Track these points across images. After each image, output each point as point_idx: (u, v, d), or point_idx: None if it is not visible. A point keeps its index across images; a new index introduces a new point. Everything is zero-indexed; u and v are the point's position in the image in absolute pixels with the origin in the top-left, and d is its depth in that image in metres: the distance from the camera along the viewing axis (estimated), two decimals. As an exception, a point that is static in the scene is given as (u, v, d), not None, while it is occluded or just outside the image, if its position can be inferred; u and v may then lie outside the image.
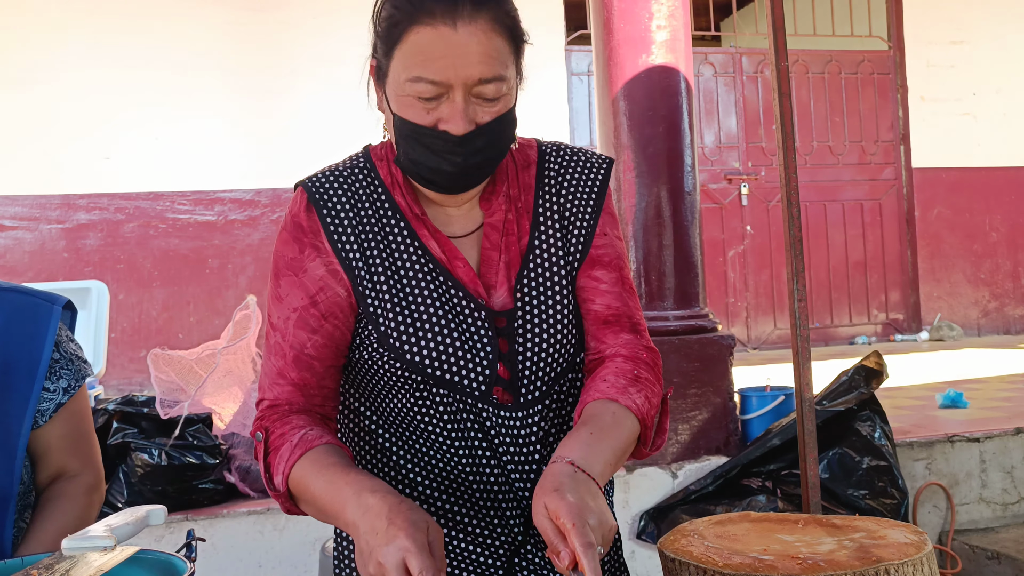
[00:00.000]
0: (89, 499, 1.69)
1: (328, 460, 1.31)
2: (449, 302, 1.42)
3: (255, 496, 3.47)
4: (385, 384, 1.44)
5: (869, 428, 3.81)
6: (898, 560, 1.34)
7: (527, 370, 1.44)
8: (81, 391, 1.72)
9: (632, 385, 1.42)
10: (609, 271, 1.50)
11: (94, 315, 3.84)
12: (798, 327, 2.19)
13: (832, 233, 8.91)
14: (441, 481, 1.47)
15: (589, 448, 1.29)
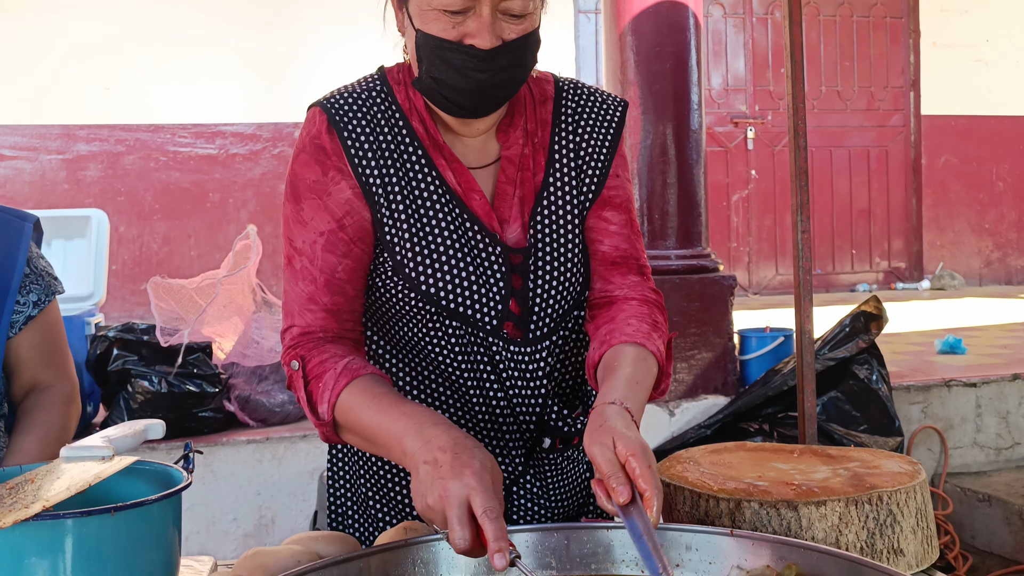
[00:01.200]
0: (66, 409, 1.74)
1: (378, 390, 1.29)
2: (465, 235, 1.41)
3: (254, 425, 3.50)
4: (397, 312, 1.43)
5: (867, 371, 3.83)
6: (891, 488, 1.34)
7: (537, 307, 1.44)
8: (51, 305, 1.75)
9: (654, 331, 1.44)
10: (619, 213, 1.51)
11: (94, 244, 3.83)
12: (800, 258, 2.17)
13: (837, 180, 8.85)
14: (447, 410, 1.48)
15: (636, 396, 1.32)
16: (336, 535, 1.41)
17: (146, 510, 1.05)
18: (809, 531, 1.31)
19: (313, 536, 1.39)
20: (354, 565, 1.26)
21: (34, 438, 1.65)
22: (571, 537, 1.36)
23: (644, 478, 1.13)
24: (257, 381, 3.46)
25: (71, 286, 3.82)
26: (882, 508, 1.32)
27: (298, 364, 1.35)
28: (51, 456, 1.60)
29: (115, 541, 1.02)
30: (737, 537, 1.28)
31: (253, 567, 1.27)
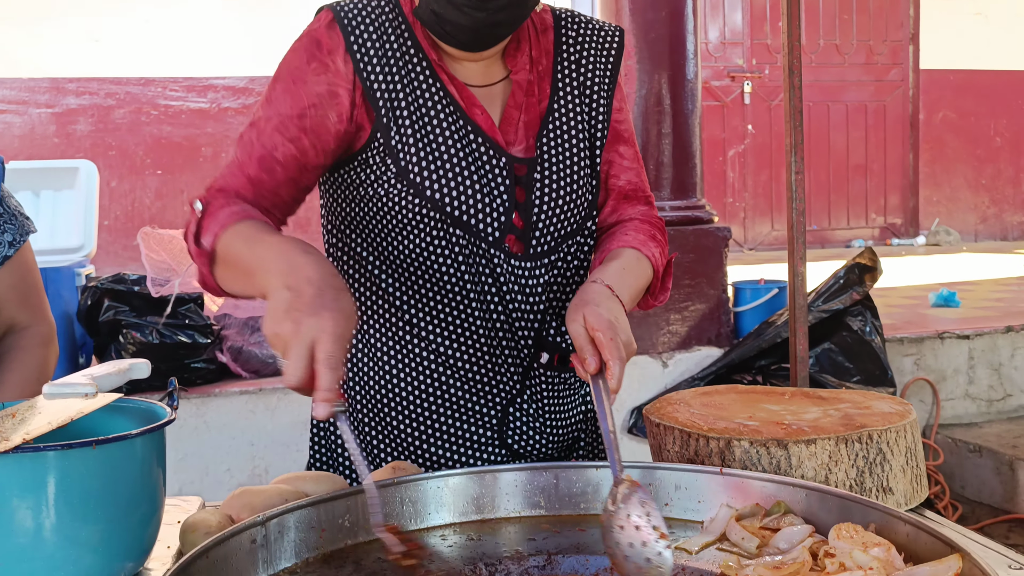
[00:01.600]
0: (45, 350, 1.74)
1: (265, 229, 1.26)
2: (469, 145, 1.42)
3: (247, 376, 3.49)
4: (400, 223, 1.43)
5: (860, 323, 3.83)
6: (881, 427, 1.34)
7: (540, 221, 1.46)
8: (26, 246, 1.74)
9: (651, 240, 1.54)
10: (629, 147, 1.58)
11: (84, 194, 3.79)
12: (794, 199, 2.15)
13: (834, 135, 8.79)
14: (446, 327, 1.48)
15: (621, 277, 1.41)
16: (324, 475, 1.41)
17: (128, 444, 1.04)
18: (799, 470, 1.31)
19: (301, 476, 1.38)
20: (342, 503, 1.25)
21: (14, 378, 1.65)
22: (560, 476, 1.36)
23: (606, 349, 1.21)
24: (250, 332, 3.45)
25: (61, 238, 3.80)
26: (872, 447, 1.32)
27: (201, 205, 1.33)
28: (31, 395, 1.60)
29: (98, 475, 1.01)
30: (727, 476, 1.27)
31: (241, 506, 1.27)
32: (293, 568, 1.17)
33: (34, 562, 1.00)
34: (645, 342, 3.72)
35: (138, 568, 1.12)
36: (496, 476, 1.35)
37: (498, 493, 1.35)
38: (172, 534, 1.24)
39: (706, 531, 1.23)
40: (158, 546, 1.17)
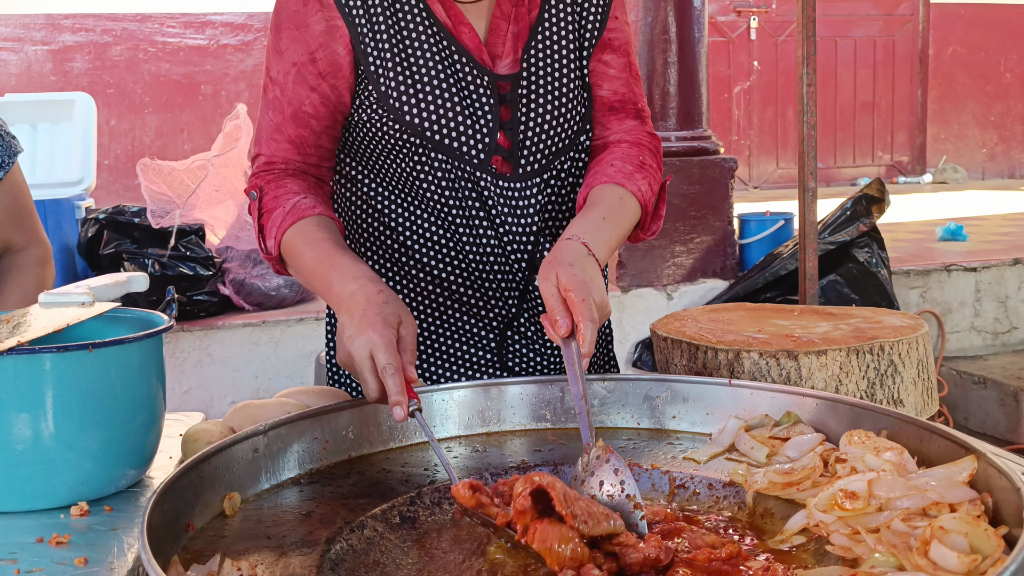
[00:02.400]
0: (42, 270, 1.73)
1: (319, 235, 1.32)
2: (452, 67, 1.38)
3: (250, 309, 3.48)
4: (384, 148, 1.41)
5: (867, 255, 3.79)
6: (893, 338, 1.31)
7: (528, 140, 1.41)
8: (15, 167, 1.72)
9: (638, 171, 1.43)
10: (618, 56, 1.49)
11: (81, 127, 3.74)
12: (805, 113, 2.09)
13: (841, 72, 8.65)
14: (439, 250, 1.46)
15: (599, 231, 1.32)
16: (328, 389, 1.39)
17: (126, 348, 1.02)
18: (809, 381, 1.29)
19: (304, 390, 1.36)
20: (345, 415, 1.24)
21: (12, 298, 1.65)
22: (566, 389, 1.34)
23: (577, 310, 1.15)
24: (252, 265, 3.43)
25: (60, 172, 3.75)
26: (883, 358, 1.30)
27: (256, 195, 1.38)
28: None
29: (95, 379, 0.99)
30: (735, 387, 1.25)
31: (243, 418, 1.25)
32: (296, 478, 1.16)
33: (34, 467, 0.98)
34: (650, 275, 3.69)
35: (140, 476, 1.10)
36: (502, 390, 1.34)
37: (504, 406, 1.34)
38: (174, 446, 1.23)
39: (714, 442, 1.22)
40: (160, 456, 1.16)
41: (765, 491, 1.05)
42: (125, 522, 0.97)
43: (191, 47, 7.19)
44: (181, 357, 3.30)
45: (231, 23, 7.23)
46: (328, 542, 0.98)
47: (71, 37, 6.99)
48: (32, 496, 0.99)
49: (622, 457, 1.07)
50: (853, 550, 0.88)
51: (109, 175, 6.96)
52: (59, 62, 6.98)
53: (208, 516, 1.02)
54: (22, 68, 6.94)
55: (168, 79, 7.16)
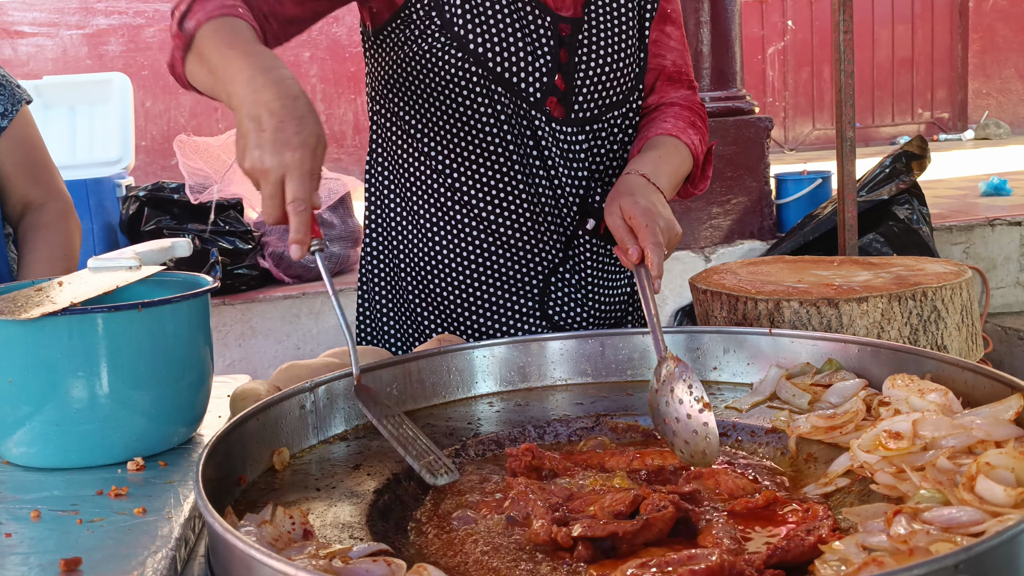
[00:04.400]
0: (65, 224, 1.71)
1: (244, 33, 1.17)
2: (516, 3, 1.41)
3: (290, 282, 3.52)
4: (442, 82, 1.41)
5: (907, 211, 3.73)
6: (936, 284, 1.30)
7: (584, 86, 1.45)
8: (23, 117, 1.69)
9: (690, 127, 1.51)
10: (676, 28, 1.57)
11: (118, 106, 3.79)
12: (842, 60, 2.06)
13: (879, 29, 8.49)
14: (490, 190, 1.47)
15: (657, 166, 1.39)
16: (372, 348, 1.41)
17: (174, 308, 1.04)
18: (850, 329, 1.28)
19: (348, 350, 1.38)
20: (388, 372, 1.26)
21: (39, 256, 1.64)
22: (606, 344, 1.35)
23: (641, 235, 1.20)
24: (290, 238, 3.46)
25: (99, 152, 3.81)
26: (926, 304, 1.29)
27: (184, 7, 1.23)
28: (61, 270, 1.61)
29: (146, 338, 1.02)
30: (776, 336, 1.25)
31: (288, 378, 1.28)
32: (343, 434, 1.18)
33: (90, 424, 1.01)
34: (688, 237, 3.67)
35: (191, 434, 1.13)
36: (543, 345, 1.35)
37: (544, 362, 1.35)
38: (223, 406, 1.25)
39: (756, 391, 1.22)
40: (209, 415, 1.19)
41: (808, 436, 1.05)
42: (179, 476, 1.00)
43: (222, 26, 7.23)
44: (224, 331, 3.35)
45: (261, 1, 7.26)
46: (376, 493, 1.00)
47: (104, 20, 7.06)
48: (90, 452, 1.02)
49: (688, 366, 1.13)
50: (898, 488, 0.88)
51: (146, 156, 7.05)
52: (94, 45, 7.06)
53: (259, 470, 1.05)
54: (58, 52, 7.03)
55: (201, 59, 7.21)
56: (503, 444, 1.17)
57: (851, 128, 2.21)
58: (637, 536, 0.84)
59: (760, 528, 0.89)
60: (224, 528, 0.74)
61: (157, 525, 0.86)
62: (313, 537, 0.86)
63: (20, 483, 0.99)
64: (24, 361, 0.98)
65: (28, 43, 7.00)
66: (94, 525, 0.86)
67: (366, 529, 0.91)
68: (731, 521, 0.91)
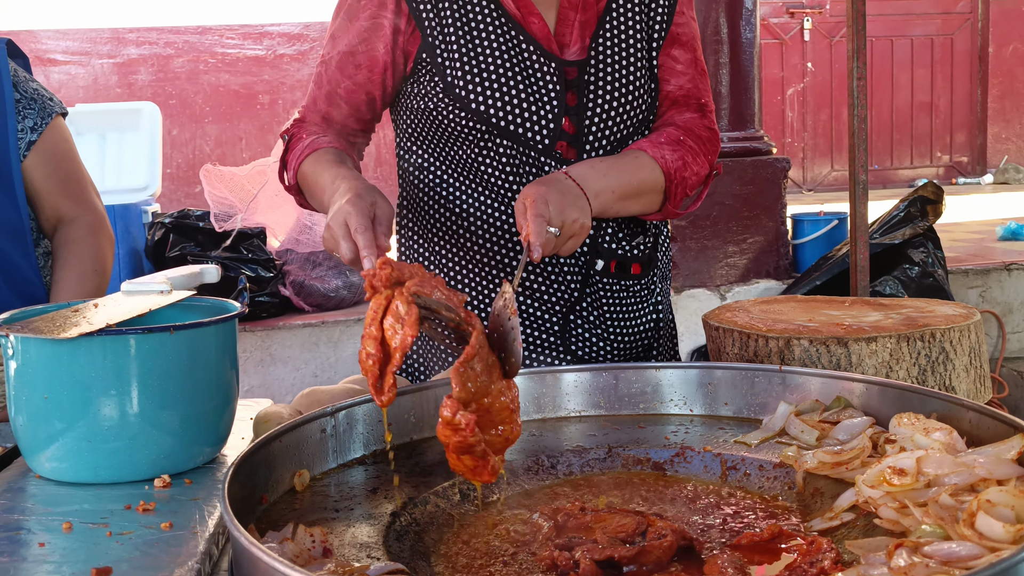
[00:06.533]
0: (96, 238, 1.72)
1: (327, 158, 1.45)
2: (519, 55, 1.45)
3: (310, 310, 3.57)
4: (451, 135, 1.48)
5: (923, 255, 3.75)
6: (945, 326, 1.33)
7: (594, 125, 1.47)
8: (55, 129, 1.71)
9: (669, 144, 1.50)
10: (685, 51, 1.55)
11: (147, 134, 3.88)
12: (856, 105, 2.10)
13: (898, 72, 8.54)
14: (503, 235, 1.51)
15: (592, 169, 1.42)
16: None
17: (203, 331, 1.08)
18: (859, 368, 1.31)
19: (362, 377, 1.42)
20: (408, 399, 1.29)
21: (71, 273, 1.67)
22: (620, 377, 1.38)
23: (530, 210, 1.26)
24: (311, 267, 3.52)
25: (127, 178, 3.89)
26: (934, 345, 1.31)
27: (286, 138, 1.54)
28: (92, 286, 1.65)
29: (176, 360, 1.06)
30: (786, 373, 1.28)
31: (310, 402, 1.31)
32: (362, 459, 1.21)
33: (120, 442, 1.05)
34: (702, 275, 3.70)
35: (215, 454, 1.17)
36: (557, 377, 1.38)
37: (559, 393, 1.38)
38: (246, 428, 1.29)
39: (765, 427, 1.25)
40: (233, 437, 1.22)
41: (815, 471, 1.07)
42: (204, 493, 1.04)
43: (249, 58, 7.37)
44: (244, 357, 3.40)
45: (288, 33, 7.39)
46: (393, 515, 1.03)
47: (135, 50, 7.21)
48: (118, 469, 1.06)
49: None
50: (901, 523, 0.90)
51: (171, 183, 7.16)
52: (124, 74, 7.21)
53: (280, 491, 1.08)
54: (89, 81, 7.18)
55: (227, 89, 7.34)
56: (517, 473, 1.20)
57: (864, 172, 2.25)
58: (635, 561, 0.87)
59: (765, 561, 0.92)
60: (249, 542, 0.77)
61: (183, 539, 0.90)
62: (332, 555, 0.89)
63: (52, 496, 1.02)
64: (59, 379, 1.03)
65: (60, 71, 7.15)
66: (123, 538, 0.89)
67: (383, 549, 0.94)
68: (736, 553, 0.93)
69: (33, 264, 1.65)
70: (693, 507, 1.07)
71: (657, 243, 1.61)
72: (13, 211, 1.61)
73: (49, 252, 1.73)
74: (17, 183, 1.62)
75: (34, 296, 1.63)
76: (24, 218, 1.64)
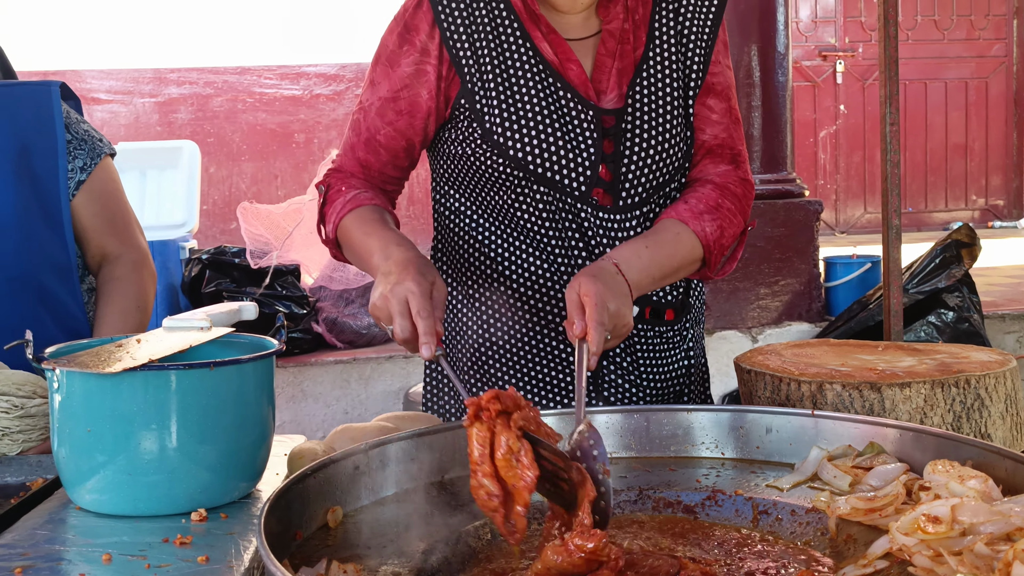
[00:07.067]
0: (139, 275, 1.77)
1: (371, 216, 1.46)
2: (557, 102, 1.46)
3: (342, 347, 3.60)
4: (487, 181, 1.50)
5: (958, 299, 3.72)
6: (980, 372, 1.32)
7: (630, 173, 1.48)
8: (103, 169, 1.76)
9: (709, 212, 1.48)
10: (720, 100, 1.55)
11: (186, 172, 3.96)
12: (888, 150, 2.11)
13: (932, 115, 8.52)
14: (537, 279, 1.52)
15: (637, 257, 1.40)
16: (423, 415, 1.46)
17: (242, 368, 1.10)
18: (893, 413, 1.30)
19: (400, 415, 1.43)
20: (439, 438, 1.30)
21: (115, 309, 1.71)
22: (651, 419, 1.38)
23: (589, 312, 1.25)
24: (344, 304, 3.55)
25: (165, 215, 3.97)
26: (969, 392, 1.30)
27: (323, 189, 1.55)
28: (135, 322, 1.68)
29: (215, 396, 1.08)
30: (818, 418, 1.28)
31: (344, 439, 1.33)
32: (395, 496, 1.22)
33: (159, 475, 1.07)
34: (735, 317, 3.69)
35: (250, 489, 1.18)
36: (589, 418, 1.38)
37: (590, 434, 1.38)
38: (280, 464, 1.30)
39: (797, 471, 1.24)
40: (267, 473, 1.24)
41: (848, 517, 1.07)
42: (240, 528, 1.05)
43: (286, 97, 7.50)
44: (276, 392, 3.43)
45: (324, 74, 7.52)
46: (425, 553, 1.03)
47: (176, 90, 7.37)
48: (157, 502, 1.07)
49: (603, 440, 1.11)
50: (936, 572, 0.90)
51: (207, 219, 7.27)
52: (164, 113, 7.36)
53: (313, 527, 1.09)
54: (131, 119, 7.34)
55: (264, 128, 7.47)
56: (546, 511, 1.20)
57: (897, 216, 2.25)
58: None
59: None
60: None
61: (219, 573, 0.91)
62: (365, 592, 0.90)
63: (92, 528, 1.04)
64: (102, 412, 1.05)
65: (103, 109, 7.31)
66: (161, 570, 0.91)
67: (415, 587, 0.95)
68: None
69: (78, 300, 1.69)
70: (725, 551, 1.07)
71: (690, 288, 1.62)
72: (61, 249, 1.66)
73: (93, 288, 1.77)
74: (66, 222, 1.66)
75: (78, 331, 1.67)
76: (72, 255, 1.68)
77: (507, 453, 0.96)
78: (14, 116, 1.66)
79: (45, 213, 1.64)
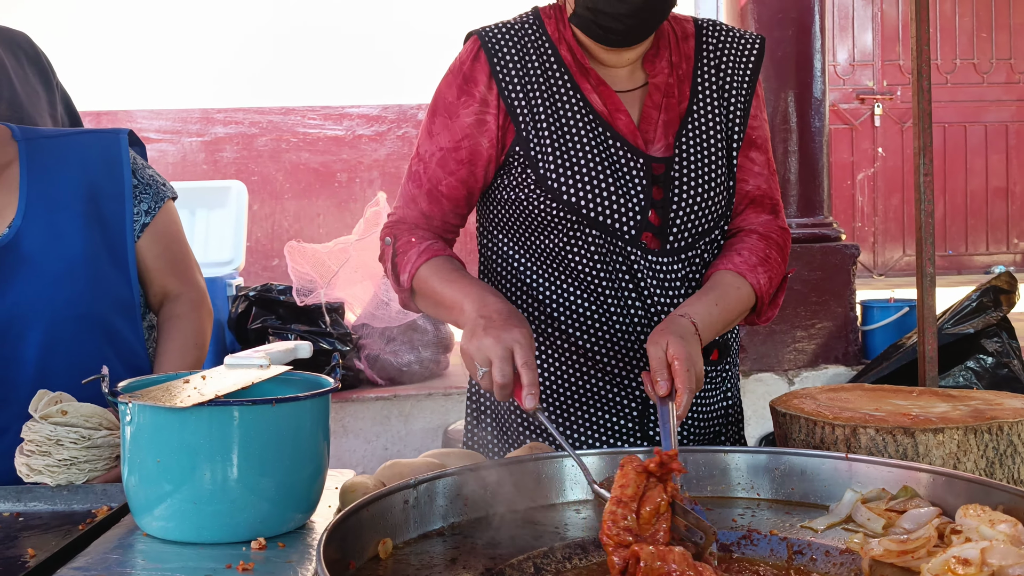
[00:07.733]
0: (197, 314, 1.84)
1: (451, 266, 1.52)
2: (608, 150, 1.53)
3: (382, 383, 3.66)
4: (540, 225, 1.56)
5: (997, 345, 3.71)
6: (1013, 419, 1.35)
7: (678, 218, 1.54)
8: (165, 212, 1.83)
9: (761, 264, 1.56)
10: (760, 153, 1.63)
11: (234, 211, 4.08)
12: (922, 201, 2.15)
13: (972, 157, 8.48)
14: (586, 322, 1.57)
15: (709, 314, 1.47)
16: (468, 452, 1.52)
17: (301, 404, 1.17)
18: (926, 458, 1.33)
19: (446, 452, 1.49)
20: (485, 474, 1.35)
21: (175, 346, 1.79)
22: (688, 460, 1.42)
23: (680, 377, 1.32)
24: (386, 342, 3.62)
25: (213, 252, 4.08)
26: (1003, 438, 1.33)
27: (390, 240, 1.59)
28: (193, 359, 1.76)
29: (276, 430, 1.15)
30: (852, 461, 1.31)
31: (392, 475, 1.38)
32: (441, 530, 1.27)
33: (221, 505, 1.13)
34: (771, 359, 3.71)
35: (305, 520, 1.24)
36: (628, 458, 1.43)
37: (629, 473, 1.42)
38: (332, 497, 1.36)
39: (831, 513, 1.27)
40: (320, 505, 1.30)
41: (881, 558, 1.10)
42: (297, 556, 1.11)
43: (329, 137, 7.67)
44: (317, 427, 3.50)
45: (366, 115, 7.69)
46: (471, 585, 1.08)
47: (223, 129, 7.57)
48: (219, 530, 1.14)
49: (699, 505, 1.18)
50: (965, 612, 0.93)
51: (250, 256, 7.41)
52: (211, 152, 7.56)
53: (365, 558, 1.15)
54: (178, 158, 7.54)
55: (307, 167, 7.64)
56: (587, 549, 1.24)
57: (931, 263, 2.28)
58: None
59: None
60: (346, 602, 0.84)
61: (281, 598, 0.97)
62: (417, 619, 0.95)
63: (159, 553, 1.11)
64: (171, 444, 1.12)
65: (152, 148, 7.51)
66: (226, 595, 0.97)
67: (463, 616, 0.99)
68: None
69: (140, 336, 1.77)
70: (760, 589, 1.10)
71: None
72: (126, 288, 1.74)
73: (153, 325, 1.85)
74: (131, 262, 1.75)
75: (139, 366, 1.75)
76: (135, 295, 1.76)
77: (653, 510, 1.06)
78: (85, 162, 1.75)
79: (112, 254, 1.72)
